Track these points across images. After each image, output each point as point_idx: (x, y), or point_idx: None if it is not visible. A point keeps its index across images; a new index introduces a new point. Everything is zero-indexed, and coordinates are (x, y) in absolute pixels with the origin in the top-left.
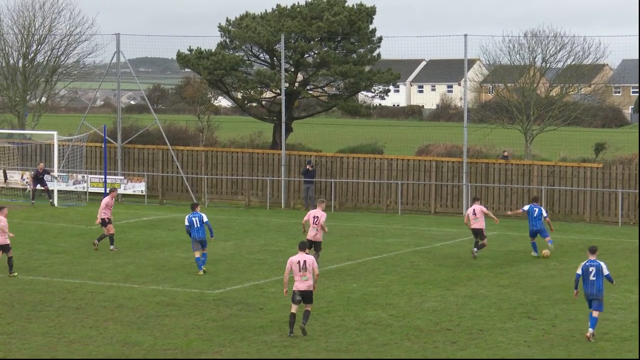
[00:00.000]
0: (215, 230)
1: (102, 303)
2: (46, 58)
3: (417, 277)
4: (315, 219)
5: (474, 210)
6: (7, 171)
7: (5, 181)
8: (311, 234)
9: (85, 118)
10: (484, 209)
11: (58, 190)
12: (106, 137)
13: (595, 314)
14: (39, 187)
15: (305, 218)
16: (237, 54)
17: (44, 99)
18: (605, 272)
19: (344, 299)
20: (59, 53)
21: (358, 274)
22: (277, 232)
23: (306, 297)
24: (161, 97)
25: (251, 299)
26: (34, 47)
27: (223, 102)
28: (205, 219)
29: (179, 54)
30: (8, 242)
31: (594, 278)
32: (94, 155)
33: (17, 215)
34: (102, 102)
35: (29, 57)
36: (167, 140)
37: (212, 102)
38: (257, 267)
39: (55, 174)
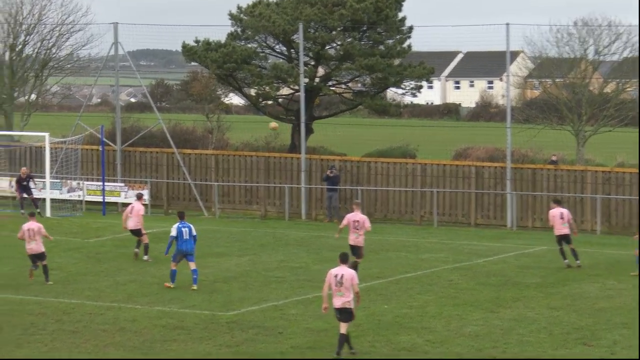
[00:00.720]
0: (228, 244)
1: (102, 326)
2: (36, 50)
3: (456, 298)
4: (356, 223)
5: (561, 213)
6: None
7: None
8: (352, 239)
9: (80, 118)
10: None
11: (51, 199)
12: (104, 139)
13: None
14: (25, 195)
15: (344, 223)
16: (249, 45)
17: (33, 96)
18: None
19: (374, 322)
20: (50, 45)
21: (389, 293)
22: (297, 246)
23: (343, 314)
24: (165, 94)
25: (269, 322)
26: (22, 37)
27: (234, 99)
28: (194, 232)
29: (184, 46)
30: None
31: None
32: (91, 160)
33: (5, 227)
34: (99, 100)
35: (17, 49)
36: (172, 143)
37: (222, 99)
38: (275, 286)
39: (47, 180)
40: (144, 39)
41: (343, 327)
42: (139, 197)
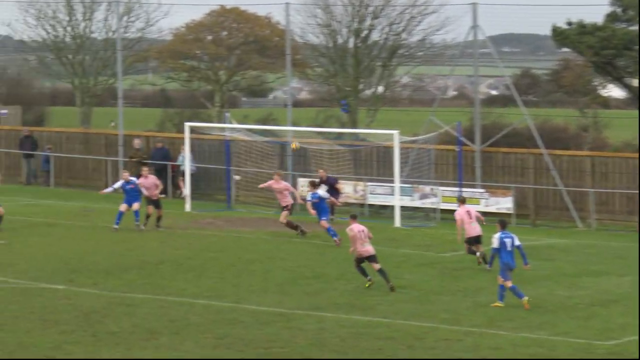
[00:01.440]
0: (607, 261)
1: (459, 354)
2: (383, 36)
3: None
4: None
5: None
6: (339, 181)
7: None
8: None
9: (434, 113)
10: None
11: (401, 207)
12: (461, 138)
13: None
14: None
15: None
16: (631, 28)
17: (380, 89)
18: None
19: None
20: (399, 29)
21: None
22: None
23: None
24: (531, 85)
25: None
26: (368, 21)
27: (614, 91)
28: (517, 241)
29: (554, 29)
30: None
31: None
32: (446, 162)
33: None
34: (455, 93)
35: (362, 35)
36: (540, 142)
37: (599, 91)
38: None
39: (396, 185)
40: (508, 21)
41: None
42: (464, 200)
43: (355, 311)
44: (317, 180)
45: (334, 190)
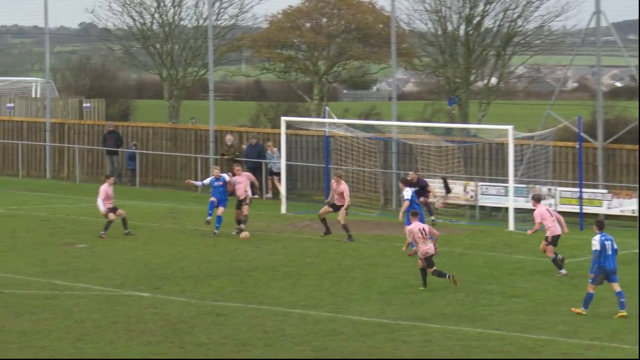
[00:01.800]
0: None
1: None
2: (497, 23)
3: None
4: None
5: None
6: (448, 180)
7: (447, 193)
8: None
9: (552, 107)
10: None
11: (515, 209)
12: (582, 134)
13: None
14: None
15: None
16: None
17: (493, 80)
18: None
19: None
20: (514, 15)
21: None
22: None
23: None
24: None
25: None
26: (481, 7)
27: None
28: (615, 245)
29: None
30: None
31: None
32: (565, 160)
33: (459, 242)
34: (576, 84)
35: (474, 22)
36: None
37: None
38: None
39: (510, 185)
40: (633, 6)
41: None
42: (539, 199)
43: (464, 322)
44: (409, 179)
45: (425, 193)
